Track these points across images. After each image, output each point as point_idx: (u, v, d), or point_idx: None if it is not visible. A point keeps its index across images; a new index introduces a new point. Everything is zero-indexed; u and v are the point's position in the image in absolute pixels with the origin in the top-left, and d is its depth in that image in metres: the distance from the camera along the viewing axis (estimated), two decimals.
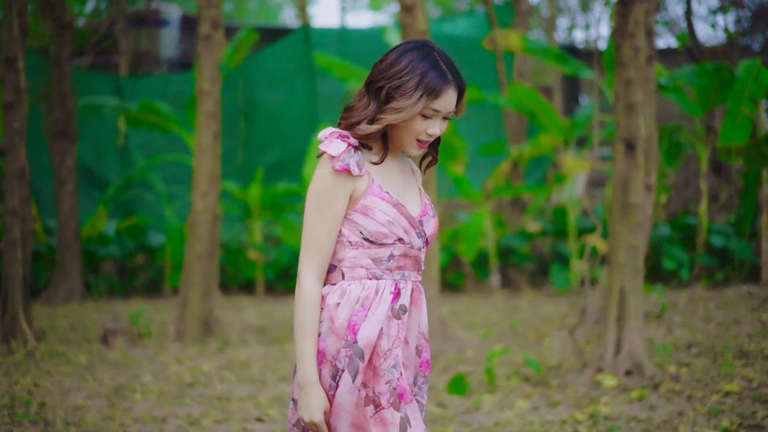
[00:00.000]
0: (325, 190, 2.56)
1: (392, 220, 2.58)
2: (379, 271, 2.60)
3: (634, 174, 5.49)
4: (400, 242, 2.60)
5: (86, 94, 12.29)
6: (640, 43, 5.46)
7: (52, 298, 10.32)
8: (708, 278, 9.89)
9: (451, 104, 2.62)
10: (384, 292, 2.59)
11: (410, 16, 6.55)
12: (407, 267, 2.64)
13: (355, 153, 2.57)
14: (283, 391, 5.78)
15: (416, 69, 2.59)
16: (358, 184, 2.58)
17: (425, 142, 2.63)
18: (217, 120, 7.73)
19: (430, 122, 2.61)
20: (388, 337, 2.57)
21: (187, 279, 7.65)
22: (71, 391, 5.77)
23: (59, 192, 10.47)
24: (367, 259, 2.59)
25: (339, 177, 2.55)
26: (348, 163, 2.54)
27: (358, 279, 2.58)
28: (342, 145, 2.56)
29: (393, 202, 2.59)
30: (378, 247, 2.59)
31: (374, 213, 2.57)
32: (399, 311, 2.61)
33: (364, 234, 2.57)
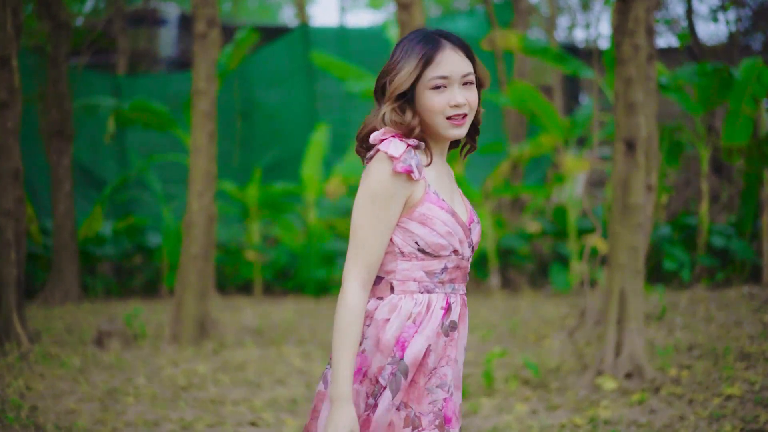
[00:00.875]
0: (382, 193, 2.36)
1: (451, 230, 2.42)
2: (431, 285, 2.43)
3: (634, 174, 5.41)
4: (455, 254, 2.45)
5: (84, 93, 12.22)
6: (640, 40, 5.38)
7: (49, 299, 10.24)
8: (709, 279, 9.80)
9: (457, 66, 2.42)
10: (435, 307, 2.42)
11: (407, 13, 6.48)
12: (457, 279, 2.48)
13: (415, 155, 2.39)
14: (279, 394, 5.71)
15: (408, 48, 2.46)
16: (416, 190, 2.39)
17: (459, 118, 2.42)
18: (213, 120, 7.65)
19: (447, 93, 2.41)
20: (436, 354, 2.41)
21: (183, 280, 7.57)
22: (64, 394, 5.69)
23: (55, 192, 10.38)
24: (420, 272, 2.42)
25: (398, 180, 2.36)
26: (410, 165, 2.36)
27: (409, 293, 2.41)
28: (402, 145, 2.38)
29: (450, 211, 2.42)
30: (433, 259, 2.42)
31: (434, 223, 2.39)
32: (448, 328, 2.44)
33: (420, 245, 2.40)
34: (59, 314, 9.24)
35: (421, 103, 2.44)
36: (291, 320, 8.96)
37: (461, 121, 2.45)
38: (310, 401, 5.56)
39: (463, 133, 2.48)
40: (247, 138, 13.39)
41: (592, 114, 11.12)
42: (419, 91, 2.45)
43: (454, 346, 2.45)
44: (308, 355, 7.01)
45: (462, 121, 2.45)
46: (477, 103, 2.48)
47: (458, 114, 2.44)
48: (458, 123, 2.45)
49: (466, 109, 2.45)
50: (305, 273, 11.32)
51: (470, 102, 2.45)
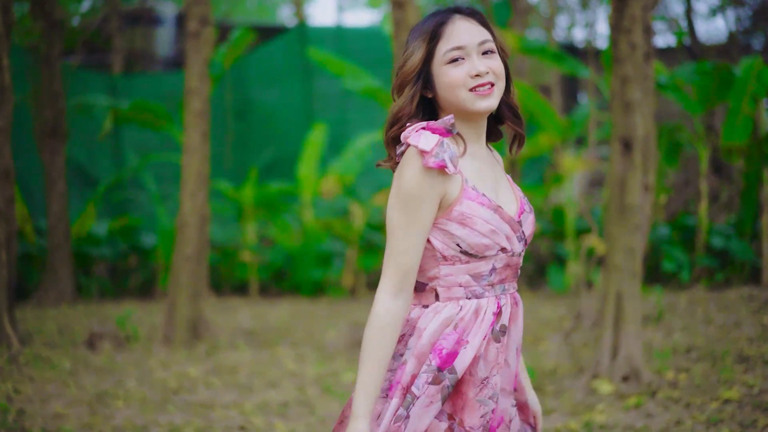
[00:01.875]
0: (414, 192, 2.14)
1: (495, 228, 2.19)
2: (480, 289, 2.22)
3: (631, 174, 5.33)
4: (503, 252, 2.23)
5: (79, 92, 12.14)
6: (636, 39, 5.30)
7: (42, 300, 10.16)
8: (708, 280, 9.72)
9: (470, 35, 2.21)
10: (486, 313, 2.22)
11: (402, 12, 6.40)
12: (508, 278, 2.27)
13: (448, 147, 2.16)
14: (270, 397, 5.62)
15: (417, 29, 2.28)
16: (451, 186, 2.17)
17: (484, 88, 2.20)
18: (206, 119, 7.57)
19: (466, 64, 2.20)
20: (486, 362, 2.21)
21: (176, 281, 7.49)
22: (52, 397, 5.61)
23: (49, 192, 10.30)
24: (466, 276, 2.21)
25: (430, 176, 2.14)
26: (443, 159, 2.13)
27: (455, 299, 2.21)
28: (433, 138, 2.15)
29: (493, 207, 2.20)
30: (478, 260, 2.20)
31: (474, 222, 2.17)
32: (499, 333, 2.24)
33: (462, 247, 2.18)
34: (52, 315, 9.16)
35: (439, 82, 2.23)
36: (286, 322, 8.87)
37: (488, 91, 2.22)
38: (301, 405, 5.48)
39: (494, 105, 2.24)
40: (244, 137, 13.31)
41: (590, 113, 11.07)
42: (436, 71, 2.24)
43: (504, 350, 2.26)
44: (302, 357, 6.93)
45: (489, 90, 2.22)
46: (503, 71, 2.26)
47: (482, 83, 2.22)
48: (484, 93, 2.22)
49: (490, 77, 2.23)
50: (301, 274, 11.24)
51: (494, 70, 2.23)
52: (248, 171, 11.94)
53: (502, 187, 2.31)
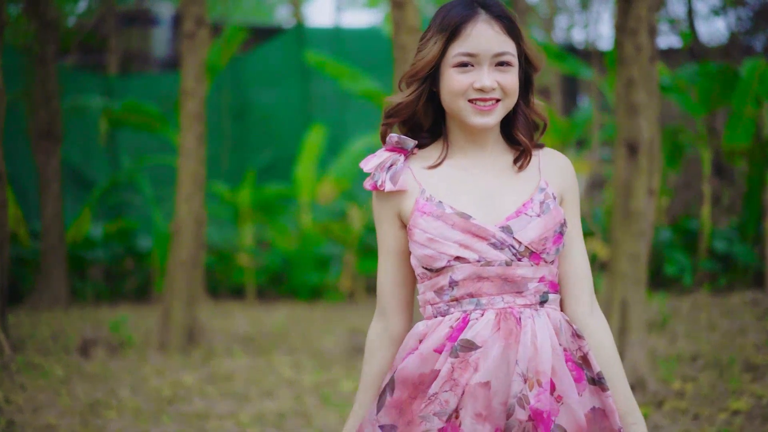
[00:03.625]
0: (374, 215, 2.14)
1: (434, 236, 2.03)
2: (443, 305, 2.07)
3: (636, 178, 5.20)
4: (460, 261, 2.03)
5: (74, 93, 12.01)
6: (642, 40, 5.17)
7: (36, 304, 10.03)
8: (711, 284, 9.60)
9: (488, 42, 2.02)
10: (441, 325, 2.06)
11: (401, 12, 6.25)
12: (486, 292, 2.04)
13: (394, 165, 2.08)
14: (266, 407, 5.49)
15: (438, 16, 2.08)
16: (403, 204, 2.09)
17: (485, 104, 2.03)
18: (202, 121, 7.44)
19: (473, 73, 2.03)
20: (440, 379, 2.03)
21: (171, 286, 7.36)
22: (44, 407, 5.47)
23: (43, 195, 10.18)
24: (431, 293, 2.09)
25: (377, 199, 2.11)
26: (376, 180, 2.08)
27: (426, 319, 2.11)
28: (379, 157, 2.10)
29: (437, 213, 2.04)
30: (435, 274, 2.07)
31: (414, 234, 2.06)
32: (458, 348, 2.02)
33: (417, 263, 2.09)
34: (46, 320, 9.02)
35: (443, 82, 2.08)
36: (282, 327, 8.74)
37: (489, 107, 2.05)
38: (298, 416, 5.35)
39: (490, 123, 2.07)
40: (241, 139, 13.17)
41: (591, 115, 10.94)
42: (443, 70, 2.08)
43: (467, 369, 2.02)
44: (299, 364, 6.80)
45: (490, 107, 2.05)
46: (513, 88, 2.07)
47: (484, 99, 2.05)
48: (483, 109, 2.05)
49: (496, 93, 2.06)
50: (298, 277, 11.11)
51: (503, 86, 2.05)
52: (245, 173, 11.82)
53: (498, 194, 2.11)
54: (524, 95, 2.15)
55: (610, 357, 2.17)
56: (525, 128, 2.16)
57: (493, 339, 2.03)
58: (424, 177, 2.12)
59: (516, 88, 2.08)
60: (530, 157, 2.15)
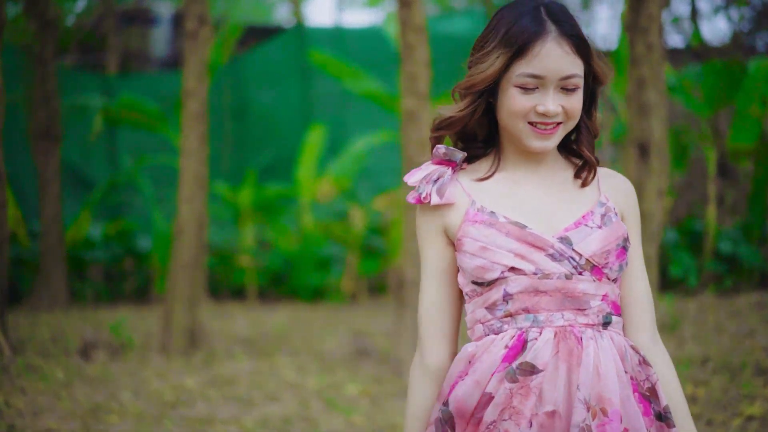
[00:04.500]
0: (418, 232, 2.01)
1: (486, 244, 1.89)
2: (496, 322, 1.91)
3: (647, 180, 5.12)
4: (516, 273, 1.89)
5: (73, 93, 11.94)
6: (654, 39, 5.09)
7: (36, 305, 9.95)
8: (716, 285, 9.53)
9: (557, 64, 1.88)
10: (495, 345, 1.89)
11: (408, 11, 6.18)
12: (544, 307, 1.88)
13: (441, 178, 1.95)
14: (271, 412, 5.41)
15: (502, 23, 1.93)
16: (450, 217, 1.96)
17: (546, 128, 1.91)
18: (204, 121, 7.35)
19: (537, 95, 1.90)
20: (495, 405, 1.86)
21: (172, 288, 7.27)
22: (44, 411, 5.39)
23: (43, 195, 10.10)
24: (482, 309, 1.93)
25: (421, 214, 1.98)
26: (420, 192, 1.95)
27: (477, 339, 1.95)
28: (424, 170, 1.97)
29: (490, 221, 1.91)
30: (487, 288, 1.91)
31: (463, 244, 1.92)
32: (517, 372, 1.86)
33: (468, 277, 1.94)
34: (46, 322, 8.93)
35: (502, 100, 1.95)
36: (284, 329, 8.66)
37: (549, 131, 1.93)
38: (303, 420, 5.26)
39: (549, 147, 1.95)
40: (241, 139, 13.09)
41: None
42: (503, 86, 1.94)
43: (529, 396, 1.85)
44: (302, 367, 6.71)
45: (550, 131, 1.93)
46: (577, 112, 1.95)
47: (545, 122, 1.93)
48: (543, 133, 1.93)
49: (558, 118, 1.94)
50: (300, 278, 11.02)
51: (568, 110, 1.93)
52: (246, 173, 11.74)
53: (555, 208, 1.98)
54: (587, 108, 2.03)
55: (675, 393, 2.01)
56: (589, 143, 2.04)
57: (555, 361, 1.86)
58: (474, 189, 1.99)
59: (579, 111, 1.96)
60: (595, 172, 2.04)
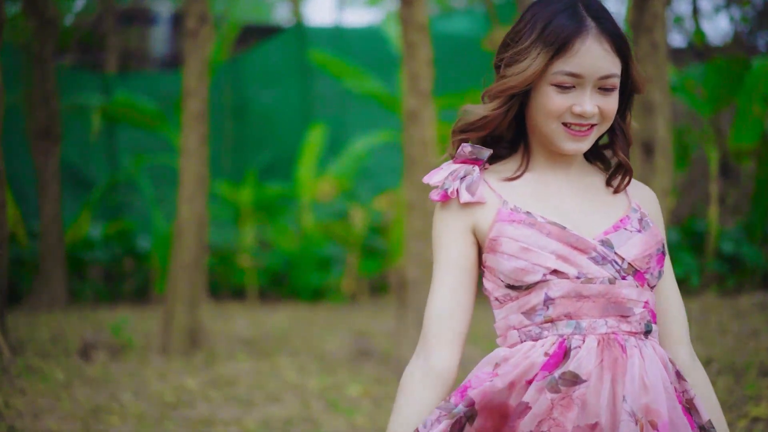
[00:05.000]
0: (435, 234, 1.87)
1: (528, 245, 1.78)
2: (535, 328, 1.79)
3: (652, 179, 5.08)
4: (558, 276, 1.78)
5: (73, 92, 11.90)
6: (658, 37, 5.06)
7: (35, 306, 9.91)
8: (718, 285, 9.50)
9: (597, 63, 1.79)
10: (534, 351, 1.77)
11: (410, 9, 6.14)
12: (586, 313, 1.77)
13: (469, 176, 1.85)
14: (272, 413, 5.37)
15: (538, 19, 1.83)
16: (481, 216, 1.84)
17: (581, 129, 1.82)
18: (205, 120, 7.31)
19: (573, 95, 1.81)
20: (533, 415, 1.73)
21: (173, 289, 7.23)
22: (44, 412, 5.34)
23: (42, 195, 10.06)
24: (518, 315, 1.81)
25: (445, 211, 1.85)
26: (447, 189, 1.84)
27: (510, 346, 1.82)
28: (448, 169, 1.87)
29: (529, 221, 1.80)
30: (525, 292, 1.79)
31: (500, 244, 1.80)
32: (559, 382, 1.73)
33: (504, 280, 1.81)
34: (45, 322, 8.89)
35: (536, 98, 1.85)
36: (285, 329, 8.62)
37: (584, 133, 1.84)
38: (305, 421, 5.22)
39: (583, 149, 1.86)
40: (241, 138, 13.05)
41: None
42: (538, 83, 1.84)
43: (571, 407, 1.73)
44: (303, 368, 6.68)
45: (584, 133, 1.84)
46: (613, 113, 1.86)
47: (580, 123, 1.83)
48: (577, 134, 1.83)
49: (594, 119, 1.84)
50: (300, 279, 10.99)
51: (604, 112, 1.84)
52: (245, 173, 11.70)
53: (590, 212, 1.89)
54: (621, 112, 1.94)
55: (716, 411, 1.93)
56: (624, 147, 1.95)
57: (599, 371, 1.74)
58: (502, 188, 1.89)
59: (614, 113, 1.87)
60: (630, 178, 1.94)
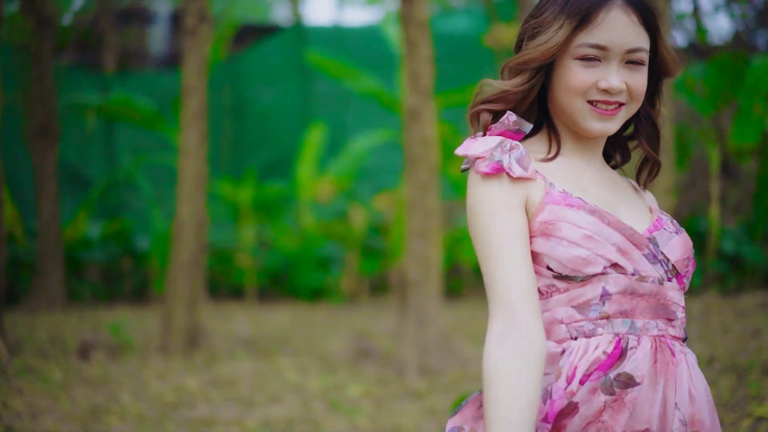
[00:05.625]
0: (483, 207, 1.66)
1: (592, 233, 1.64)
2: (588, 324, 1.65)
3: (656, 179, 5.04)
4: (616, 269, 1.66)
5: (71, 91, 11.85)
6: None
7: (33, 306, 9.86)
8: (719, 285, 9.46)
9: (623, 34, 1.68)
10: (591, 349, 1.64)
11: (410, 6, 6.11)
12: (640, 313, 1.67)
13: (515, 149, 1.68)
14: (273, 414, 5.33)
15: None
16: (531, 194, 1.68)
17: (607, 107, 1.70)
18: (204, 119, 7.26)
19: (599, 69, 1.69)
20: (582, 417, 1.63)
21: (172, 288, 7.19)
22: (43, 412, 5.30)
23: (40, 194, 10.01)
24: (567, 308, 1.66)
25: (498, 185, 1.66)
26: (499, 161, 1.66)
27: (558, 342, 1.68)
28: (489, 140, 1.69)
29: (589, 208, 1.66)
30: (580, 284, 1.65)
31: (558, 228, 1.65)
32: (615, 384, 1.63)
33: (553, 268, 1.66)
34: (43, 322, 8.85)
35: (559, 75, 1.73)
36: (285, 329, 8.58)
37: (611, 112, 1.70)
38: (306, 422, 5.18)
39: (611, 130, 1.72)
40: (240, 138, 13.01)
41: None
42: (559, 60, 1.72)
43: (621, 411, 1.63)
44: (304, 368, 6.64)
45: (612, 112, 1.70)
46: (642, 91, 1.72)
47: (607, 101, 1.70)
48: (604, 113, 1.70)
49: (622, 97, 1.70)
50: (300, 278, 10.94)
51: (632, 88, 1.71)
52: (245, 172, 11.66)
53: (626, 204, 1.78)
54: (649, 97, 1.82)
55: None
56: (650, 138, 1.82)
57: (652, 375, 1.65)
58: (542, 169, 1.73)
59: (644, 92, 1.75)
60: (657, 172, 1.84)
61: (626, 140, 1.89)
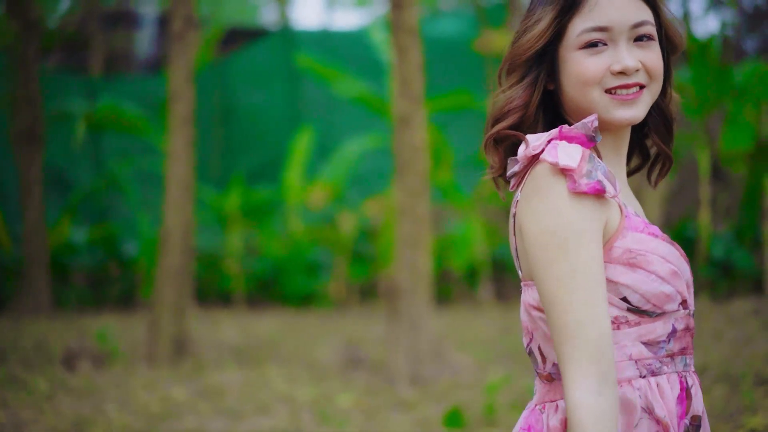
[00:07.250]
0: (568, 233, 1.45)
1: (678, 269, 1.52)
2: (656, 363, 1.52)
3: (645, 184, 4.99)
4: (684, 306, 1.54)
5: (57, 95, 11.74)
6: None
7: (18, 312, 9.76)
8: (710, 291, 9.43)
9: (622, 12, 1.51)
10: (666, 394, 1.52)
11: (400, 12, 6.04)
12: (689, 349, 1.58)
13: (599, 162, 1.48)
14: (261, 425, 5.25)
15: None
16: (611, 215, 1.49)
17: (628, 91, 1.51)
18: (191, 124, 7.18)
19: (607, 53, 1.52)
20: None
21: (159, 296, 7.10)
22: (27, 424, 5.21)
23: (25, 199, 9.92)
24: (637, 345, 1.51)
25: (585, 204, 1.45)
26: (597, 180, 1.45)
27: (626, 381, 1.51)
28: (572, 150, 1.46)
29: (665, 238, 1.53)
30: (653, 319, 1.51)
31: (649, 262, 1.49)
32: (690, 427, 1.55)
33: (631, 301, 1.50)
34: (29, 329, 8.74)
35: (566, 72, 1.56)
36: (274, 336, 8.49)
37: (633, 96, 1.51)
38: None
39: (639, 115, 1.52)
40: (228, 142, 12.93)
41: None
42: (564, 55, 1.55)
43: None
44: (293, 377, 6.56)
45: (635, 95, 1.51)
46: (659, 69, 1.54)
47: (627, 84, 1.52)
48: (627, 98, 1.51)
49: (640, 77, 1.52)
50: (288, 284, 10.86)
51: (648, 66, 1.53)
52: (232, 177, 11.57)
53: None
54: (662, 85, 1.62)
55: None
56: (662, 130, 1.65)
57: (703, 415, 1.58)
58: None
59: (661, 69, 1.56)
60: (669, 169, 1.68)
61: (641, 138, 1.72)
